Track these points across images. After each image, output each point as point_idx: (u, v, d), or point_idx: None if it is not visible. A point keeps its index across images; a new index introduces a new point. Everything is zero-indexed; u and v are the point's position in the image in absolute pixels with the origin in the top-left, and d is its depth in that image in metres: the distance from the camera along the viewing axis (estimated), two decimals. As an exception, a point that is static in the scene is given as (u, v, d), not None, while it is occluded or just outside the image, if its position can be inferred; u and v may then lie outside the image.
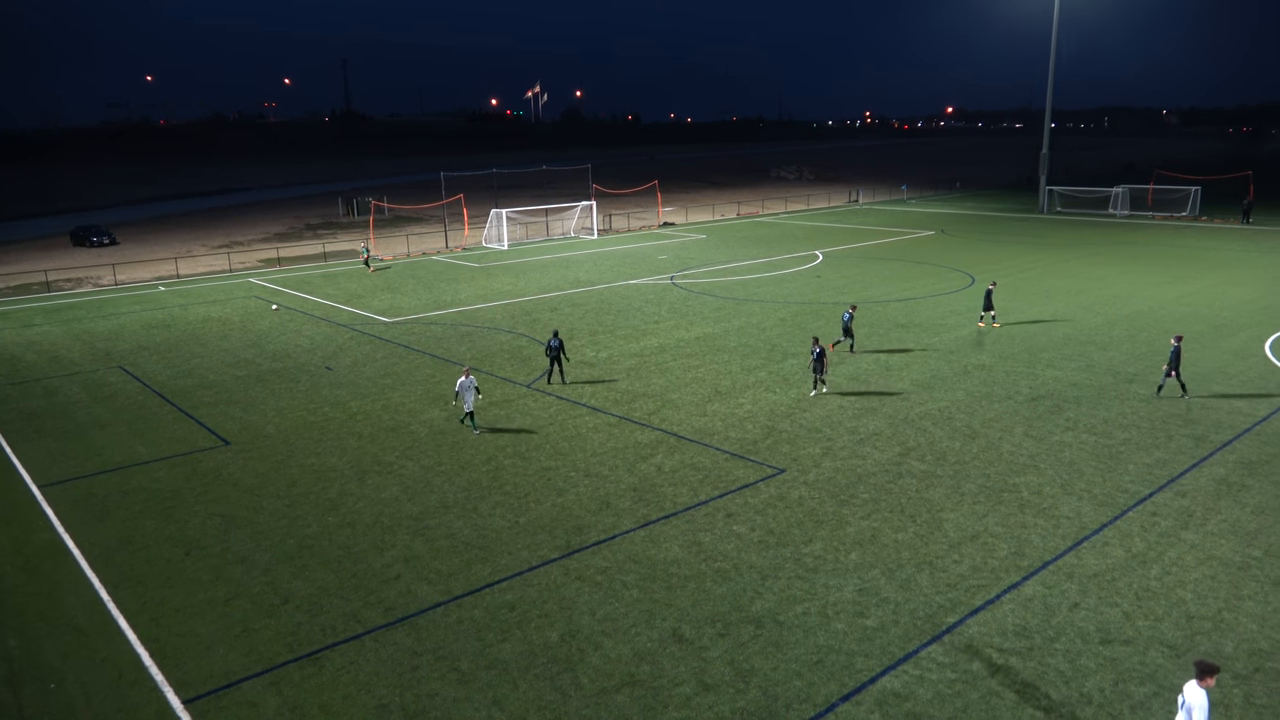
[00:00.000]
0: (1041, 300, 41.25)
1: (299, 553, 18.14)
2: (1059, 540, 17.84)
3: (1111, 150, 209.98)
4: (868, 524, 18.73)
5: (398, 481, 21.63)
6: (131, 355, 35.02)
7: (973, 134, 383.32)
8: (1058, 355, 31.42)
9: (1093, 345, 32.80)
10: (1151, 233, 66.11)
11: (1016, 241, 62.61)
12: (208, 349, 35.79)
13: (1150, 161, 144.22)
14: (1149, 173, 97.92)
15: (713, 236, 69.99)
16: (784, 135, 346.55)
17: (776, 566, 17.03)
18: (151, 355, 34.95)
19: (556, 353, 28.72)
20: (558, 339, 28.85)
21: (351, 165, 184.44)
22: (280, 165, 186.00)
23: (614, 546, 18.02)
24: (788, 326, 36.81)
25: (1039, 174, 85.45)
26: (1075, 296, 41.98)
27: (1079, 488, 20.30)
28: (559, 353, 28.75)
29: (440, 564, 17.50)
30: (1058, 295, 42.34)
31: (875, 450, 22.85)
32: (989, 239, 64.37)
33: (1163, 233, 66.05)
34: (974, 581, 16.36)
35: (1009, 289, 43.93)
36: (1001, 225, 73.58)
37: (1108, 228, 70.19)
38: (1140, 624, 15.01)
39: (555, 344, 28.73)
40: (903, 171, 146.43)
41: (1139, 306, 39.48)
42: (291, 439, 24.86)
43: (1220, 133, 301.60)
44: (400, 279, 52.13)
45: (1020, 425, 24.45)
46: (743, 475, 21.38)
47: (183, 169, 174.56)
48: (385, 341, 36.18)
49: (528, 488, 21.03)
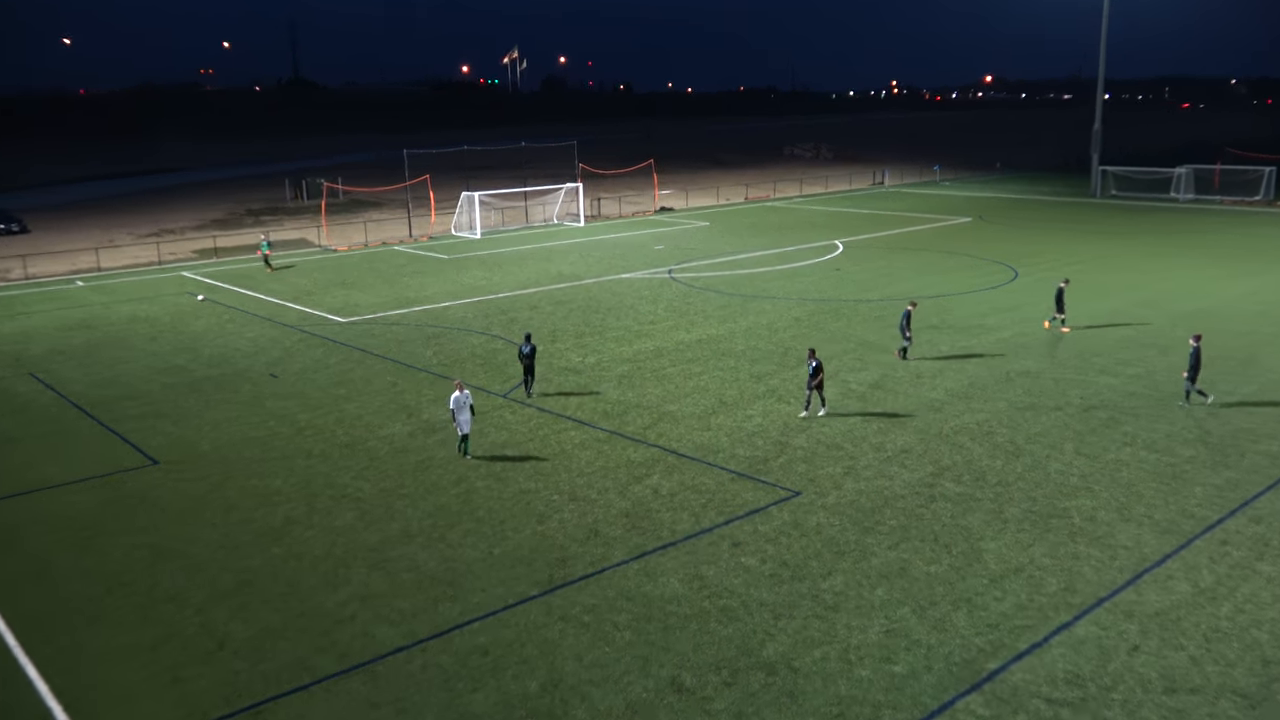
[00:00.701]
0: (1094, 297, 41.37)
1: (238, 589, 18.04)
2: (1115, 573, 17.84)
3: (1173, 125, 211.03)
4: (896, 555, 18.71)
5: (353, 506, 21.54)
6: (44, 361, 34.89)
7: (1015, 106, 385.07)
8: (1113, 360, 31.47)
9: (1153, 348, 32.88)
10: (1219, 220, 66.39)
11: (1065, 229, 62.81)
12: (133, 353, 35.67)
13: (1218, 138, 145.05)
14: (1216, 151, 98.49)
15: (717, 224, 70.06)
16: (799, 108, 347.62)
17: (791, 604, 16.99)
18: (68, 361, 34.82)
19: (531, 359, 28.73)
20: (530, 344, 28.82)
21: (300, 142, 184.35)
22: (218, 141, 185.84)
23: (603, 581, 17.96)
24: (803, 327, 36.84)
25: (1091, 152, 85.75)
26: (1132, 292, 42.11)
27: (1138, 513, 20.30)
28: (532, 359, 28.76)
29: (402, 602, 17.42)
30: (1112, 291, 42.46)
31: (904, 469, 22.84)
32: (1034, 227, 64.57)
33: (1232, 220, 66.33)
34: (1018, 621, 16.34)
35: (1056, 282, 43.97)
36: (1048, 211, 73.83)
37: (1169, 214, 70.47)
38: (1209, 670, 15.00)
39: (528, 349, 28.71)
40: (935, 150, 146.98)
41: (1204, 304, 39.61)
42: (230, 457, 24.75)
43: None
44: (357, 272, 52.06)
45: (1070, 441, 24.47)
46: (752, 498, 21.34)
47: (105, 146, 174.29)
48: (339, 345, 36.12)
49: (504, 514, 20.96)
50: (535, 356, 29.09)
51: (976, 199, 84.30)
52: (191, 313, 42.47)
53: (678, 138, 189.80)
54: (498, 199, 72.33)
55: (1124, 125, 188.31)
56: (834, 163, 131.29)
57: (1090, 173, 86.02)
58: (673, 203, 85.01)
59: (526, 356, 28.71)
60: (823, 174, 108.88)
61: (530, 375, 28.94)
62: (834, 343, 34.29)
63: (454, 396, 23.46)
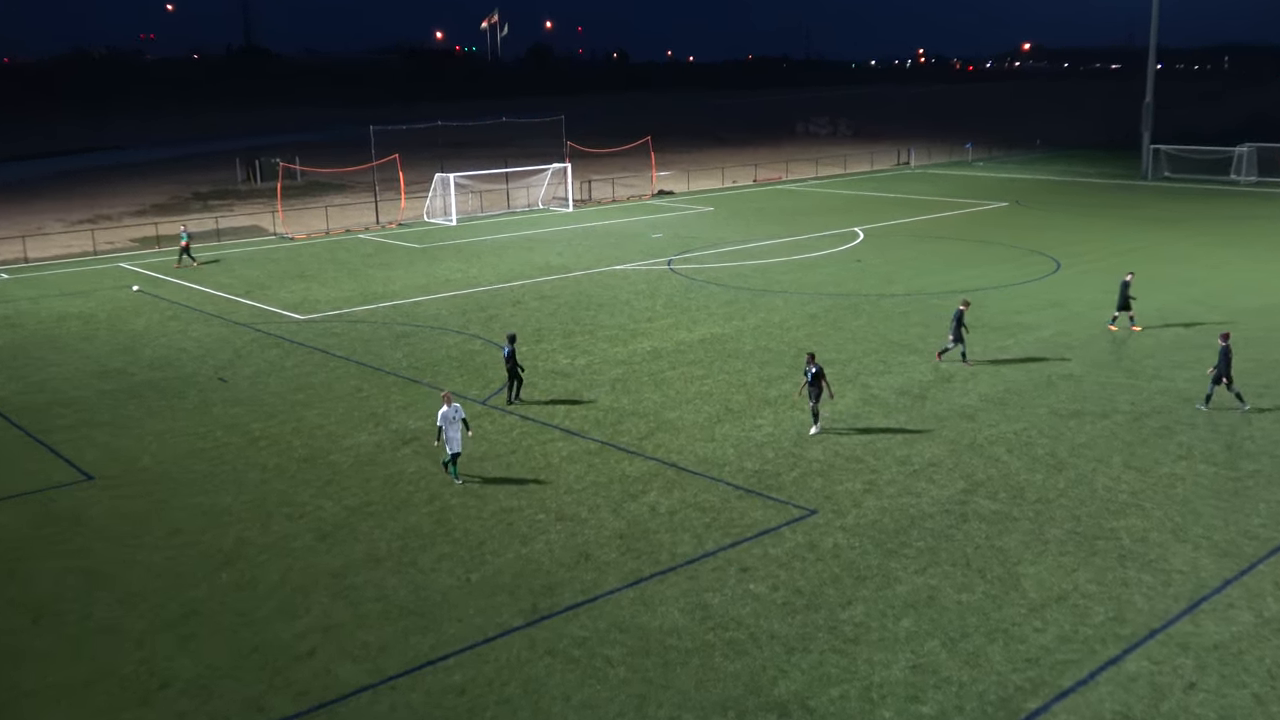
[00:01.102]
0: (1145, 291, 41.42)
1: (183, 620, 18.02)
2: (1170, 602, 17.87)
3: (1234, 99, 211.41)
4: (923, 581, 18.73)
5: (313, 527, 21.53)
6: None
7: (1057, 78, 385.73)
8: (1166, 362, 31.53)
9: (1211, 349, 32.89)
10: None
11: (1112, 216, 62.95)
12: (65, 355, 35.63)
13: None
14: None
15: (721, 209, 70.13)
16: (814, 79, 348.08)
17: (806, 637, 17.00)
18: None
19: (512, 361, 28.70)
20: (511, 345, 28.75)
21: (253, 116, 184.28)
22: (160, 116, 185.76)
23: (595, 611, 17.96)
24: (819, 325, 36.89)
25: (1141, 130, 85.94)
26: (1187, 287, 42.21)
27: (1195, 534, 20.35)
28: (513, 361, 28.73)
29: (368, 634, 17.41)
30: (1165, 285, 42.56)
31: (932, 485, 22.87)
32: (1077, 212, 64.71)
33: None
34: (1061, 655, 16.36)
35: (1102, 275, 44.16)
36: (1093, 194, 73.97)
37: (1229, 198, 70.64)
38: (1275, 710, 15.03)
39: (508, 350, 28.70)
40: (966, 126, 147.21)
41: (1270, 299, 39.72)
42: (174, 472, 24.72)
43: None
44: (317, 264, 52.05)
45: (1119, 453, 24.52)
46: (761, 518, 21.35)
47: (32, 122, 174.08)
48: (297, 345, 36.10)
49: (483, 534, 20.95)
50: (515, 358, 28.96)
51: (1013, 181, 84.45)
52: (130, 309, 42.43)
53: (678, 112, 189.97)
54: (476, 181, 72.37)
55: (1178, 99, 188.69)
56: (853, 140, 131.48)
57: (1140, 152, 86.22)
58: (672, 185, 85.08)
59: (508, 358, 28.68)
60: (841, 153, 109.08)
61: (514, 380, 28.90)
62: (854, 343, 34.34)
63: (442, 411, 22.88)
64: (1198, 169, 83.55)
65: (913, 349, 33.45)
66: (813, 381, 25.65)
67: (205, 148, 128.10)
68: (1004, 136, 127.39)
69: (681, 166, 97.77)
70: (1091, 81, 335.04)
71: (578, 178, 79.00)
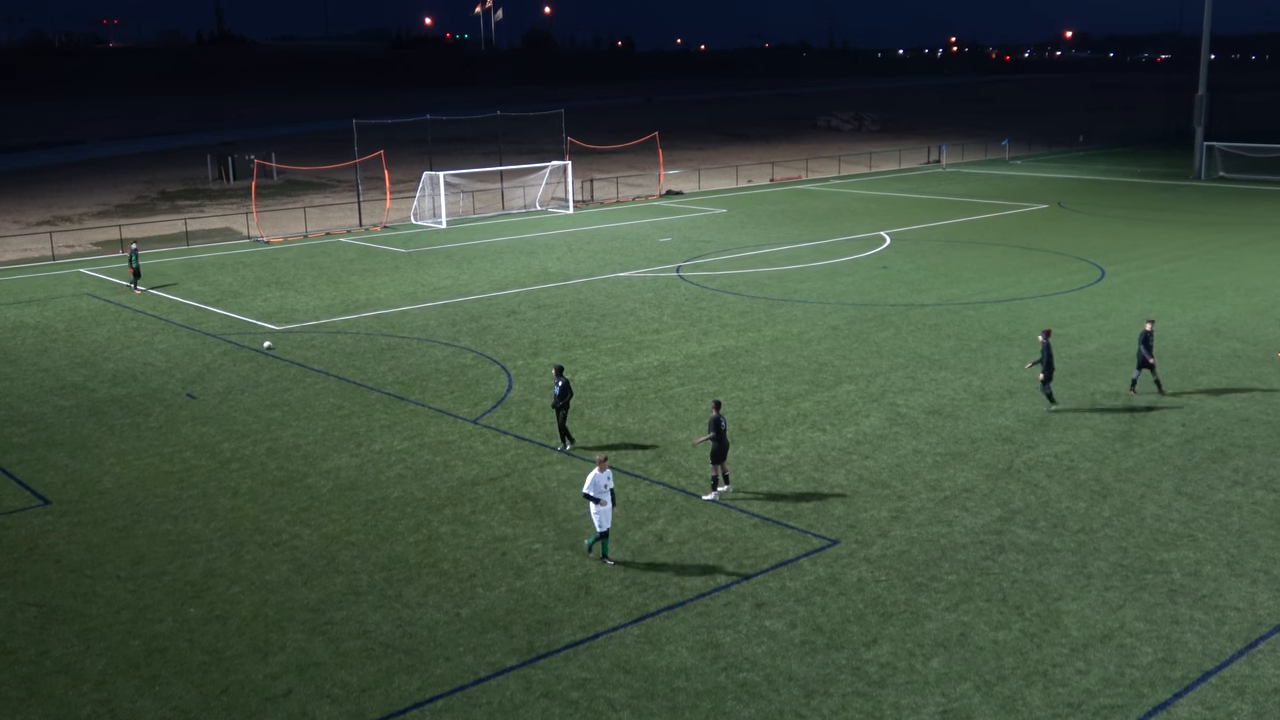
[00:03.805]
0: (1199, 301, 41.45)
1: (147, 658, 18.05)
2: (1225, 641, 17.85)
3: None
4: (955, 617, 18.72)
5: (289, 557, 21.56)
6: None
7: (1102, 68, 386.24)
8: (1221, 379, 31.51)
9: (1270, 365, 32.94)
10: (1352, 207, 66.51)
11: (1163, 219, 62.96)
12: (19, 368, 35.75)
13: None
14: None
15: (735, 211, 70.24)
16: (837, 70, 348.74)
17: (827, 678, 17.00)
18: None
19: (565, 401, 26.53)
20: (563, 378, 26.49)
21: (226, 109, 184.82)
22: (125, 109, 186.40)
23: (596, 650, 17.97)
24: (842, 337, 36.93)
25: (1193, 125, 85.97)
26: (1246, 297, 42.20)
27: (1252, 567, 20.32)
28: (566, 401, 26.54)
29: (349, 674, 17.43)
30: (1221, 295, 42.55)
31: (965, 513, 22.87)
32: (1125, 215, 64.74)
33: (1368, 207, 66.43)
34: (1106, 699, 16.35)
35: (1152, 284, 44.16)
36: (1142, 196, 74.00)
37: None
38: (1341, 760, 14.99)
39: (559, 385, 26.39)
40: (1003, 121, 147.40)
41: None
42: (138, 497, 24.77)
43: None
44: (294, 270, 52.19)
45: (1170, 478, 24.50)
46: (779, 548, 21.35)
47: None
48: (272, 358, 36.19)
49: (474, 566, 20.97)
50: (569, 397, 26.50)
51: (1054, 181, 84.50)
52: (91, 319, 42.57)
53: (688, 105, 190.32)
54: (467, 180, 72.56)
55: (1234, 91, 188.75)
56: (880, 136, 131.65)
57: (1193, 149, 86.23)
58: (681, 185, 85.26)
59: (558, 398, 26.44)
60: (866, 150, 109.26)
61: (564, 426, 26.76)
62: (880, 357, 34.37)
63: (592, 476, 20.49)
64: (1256, 168, 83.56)
65: (944, 364, 33.47)
66: (717, 435, 23.46)
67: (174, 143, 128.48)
68: (1044, 132, 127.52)
69: (692, 165, 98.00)
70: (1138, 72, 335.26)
71: (578, 177, 79.20)
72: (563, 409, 26.63)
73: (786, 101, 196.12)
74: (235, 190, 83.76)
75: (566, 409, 26.71)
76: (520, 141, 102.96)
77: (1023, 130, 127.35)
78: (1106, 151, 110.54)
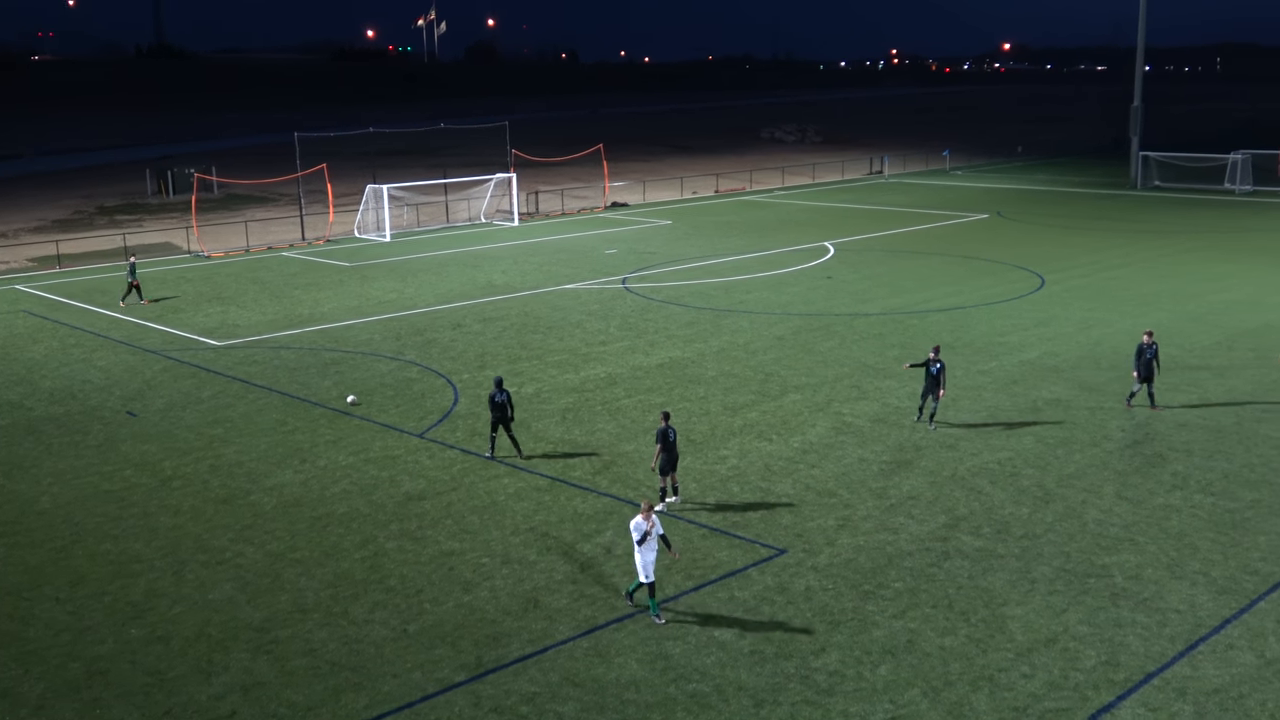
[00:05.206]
0: (1135, 309, 42.13)
1: (87, 681, 17.74)
2: (1166, 643, 18.11)
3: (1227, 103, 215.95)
4: (902, 624, 18.84)
5: (233, 575, 21.30)
6: None
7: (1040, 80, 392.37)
8: (1159, 385, 31.98)
9: (1206, 371, 33.53)
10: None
11: (1100, 228, 63.96)
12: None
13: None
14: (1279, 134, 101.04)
15: (681, 222, 70.43)
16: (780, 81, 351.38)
17: (776, 687, 17.04)
18: None
19: (504, 410, 26.78)
20: (504, 391, 26.78)
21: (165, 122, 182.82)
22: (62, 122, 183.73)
23: (545, 664, 17.90)
24: (788, 347, 37.12)
25: (1129, 135, 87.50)
26: (1181, 304, 42.95)
27: (1192, 569, 20.65)
28: (507, 410, 26.80)
29: (294, 693, 17.24)
30: (1157, 302, 43.28)
31: (911, 520, 23.04)
32: (1063, 224, 65.69)
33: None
34: (1051, 703, 16.51)
35: (1090, 292, 44.82)
36: (1080, 205, 75.13)
37: (1224, 209, 72.03)
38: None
39: (501, 396, 26.81)
40: (944, 132, 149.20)
41: (1268, 318, 40.51)
42: (77, 516, 24.37)
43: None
44: (236, 284, 51.62)
45: (1110, 483, 24.85)
46: (727, 559, 21.39)
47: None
48: (214, 374, 35.77)
49: (421, 581, 20.83)
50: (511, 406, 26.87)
51: (994, 191, 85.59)
52: (28, 336, 41.83)
53: (633, 117, 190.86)
54: (411, 193, 72.21)
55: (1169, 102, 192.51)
56: (823, 148, 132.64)
57: (1129, 160, 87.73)
58: (627, 197, 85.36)
59: (500, 406, 26.66)
60: (809, 161, 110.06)
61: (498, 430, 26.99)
62: (825, 367, 34.60)
63: (635, 522, 19.08)
64: (1190, 177, 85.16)
65: (889, 373, 33.75)
66: (666, 446, 23.59)
67: (112, 157, 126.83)
68: (983, 143, 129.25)
69: (637, 176, 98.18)
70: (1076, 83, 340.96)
71: (523, 189, 79.06)
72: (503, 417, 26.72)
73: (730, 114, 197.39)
74: (175, 204, 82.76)
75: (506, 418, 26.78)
76: (464, 154, 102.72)
77: (963, 141, 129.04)
78: (1045, 162, 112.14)
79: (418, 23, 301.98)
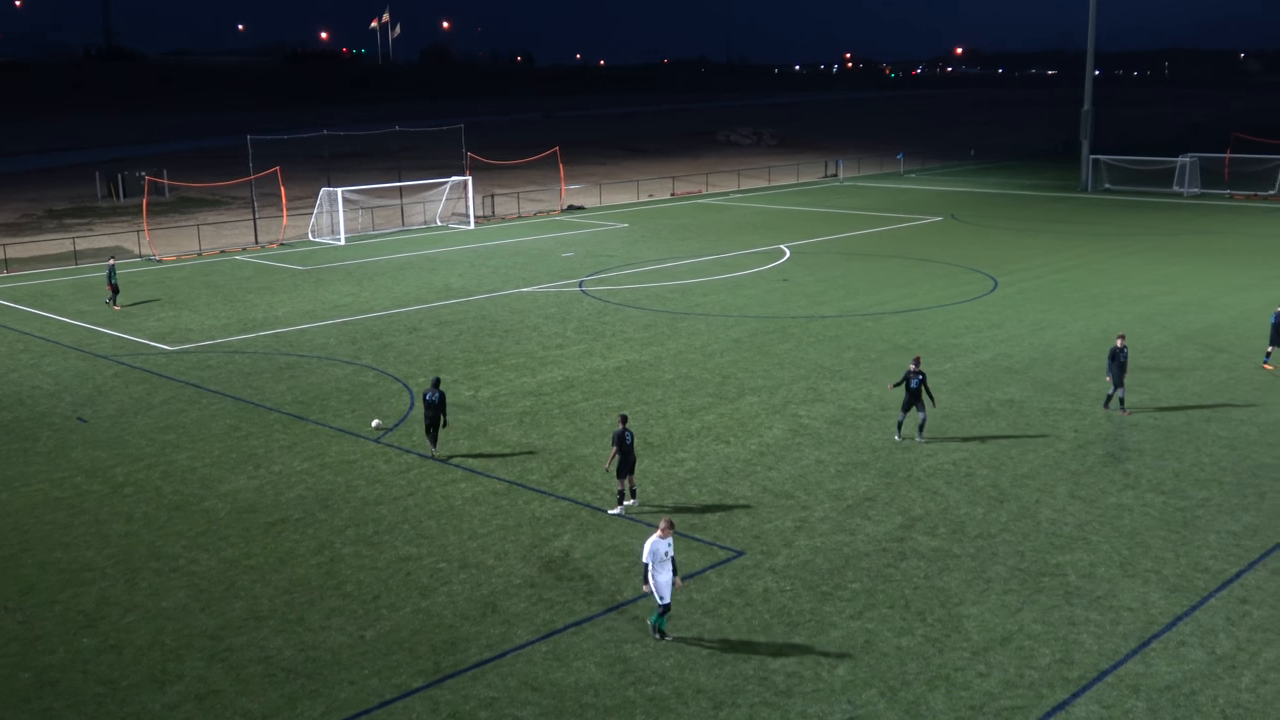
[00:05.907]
0: (1087, 310, 42.66)
1: (38, 692, 17.51)
2: (1119, 641, 18.33)
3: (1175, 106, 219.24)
4: (860, 625, 18.95)
5: (186, 583, 21.08)
6: None
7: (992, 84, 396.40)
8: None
9: (1156, 371, 34.00)
10: (1230, 217, 69.12)
11: (1051, 230, 64.70)
12: (-102, 394, 34.47)
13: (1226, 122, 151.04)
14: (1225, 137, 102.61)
15: (637, 225, 70.49)
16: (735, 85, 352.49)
17: (734, 690, 17.08)
18: None
19: (438, 410, 27.33)
20: (439, 391, 27.36)
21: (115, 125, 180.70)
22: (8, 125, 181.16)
23: (504, 668, 17.85)
24: (745, 350, 37.24)
25: (1080, 139, 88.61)
26: (1131, 305, 43.52)
27: (1144, 568, 20.91)
28: (440, 410, 27.33)
29: (250, 701, 17.08)
30: (1107, 303, 43.83)
31: (868, 521, 23.18)
32: (1015, 227, 66.38)
33: (1245, 217, 69.12)
34: (1007, 701, 16.67)
35: (1043, 293, 45.32)
36: (1031, 208, 75.97)
37: (1172, 211, 73.11)
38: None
39: (435, 397, 27.20)
40: (898, 135, 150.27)
41: (1216, 318, 41.14)
42: (26, 524, 24.04)
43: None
44: (188, 288, 51.10)
45: (1064, 483, 25.12)
46: (685, 561, 21.42)
47: None
48: (166, 379, 35.40)
49: (378, 587, 20.71)
50: (445, 407, 27.45)
51: (947, 194, 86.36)
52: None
53: (588, 121, 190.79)
54: (366, 196, 71.84)
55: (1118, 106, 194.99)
56: (778, 151, 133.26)
57: (1080, 163, 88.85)
58: (583, 200, 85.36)
59: (434, 405, 27.15)
60: (765, 164, 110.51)
61: (435, 429, 27.42)
62: (782, 369, 34.74)
63: (651, 542, 18.28)
64: (1139, 180, 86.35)
65: (845, 375, 33.94)
66: (624, 449, 23.48)
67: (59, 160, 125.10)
68: (936, 147, 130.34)
69: (593, 179, 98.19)
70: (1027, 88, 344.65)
71: (479, 192, 78.86)
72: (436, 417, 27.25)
73: (686, 117, 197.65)
74: (125, 208, 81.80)
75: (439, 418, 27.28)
76: (420, 157, 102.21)
77: (916, 145, 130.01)
78: (997, 165, 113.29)
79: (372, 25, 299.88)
